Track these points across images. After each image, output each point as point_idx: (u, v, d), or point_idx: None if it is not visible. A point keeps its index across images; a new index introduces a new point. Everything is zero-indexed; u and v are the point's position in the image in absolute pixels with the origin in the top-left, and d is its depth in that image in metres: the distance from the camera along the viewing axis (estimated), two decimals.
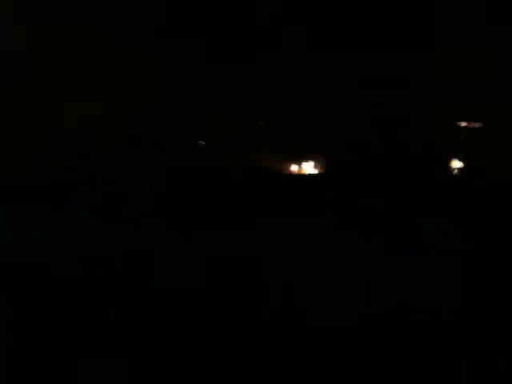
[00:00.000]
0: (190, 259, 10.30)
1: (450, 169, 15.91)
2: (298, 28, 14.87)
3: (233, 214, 13.94)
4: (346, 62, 15.00)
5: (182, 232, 12.36)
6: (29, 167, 14.98)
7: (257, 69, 15.22)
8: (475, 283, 8.60)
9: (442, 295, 7.96)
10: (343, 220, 14.34)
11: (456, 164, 15.83)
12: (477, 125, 15.60)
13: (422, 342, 6.30)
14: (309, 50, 15.07)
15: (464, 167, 15.90)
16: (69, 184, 14.79)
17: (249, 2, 14.84)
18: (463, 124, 15.69)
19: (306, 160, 17.24)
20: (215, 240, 11.86)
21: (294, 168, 17.41)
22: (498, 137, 15.01)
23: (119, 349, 6.07)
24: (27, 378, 5.46)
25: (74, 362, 5.75)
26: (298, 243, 11.65)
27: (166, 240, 11.83)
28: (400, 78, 15.31)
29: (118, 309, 7.28)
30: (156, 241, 11.72)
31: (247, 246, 11.19)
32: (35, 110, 15.25)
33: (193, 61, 15.15)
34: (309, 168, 17.40)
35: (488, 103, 14.90)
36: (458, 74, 14.88)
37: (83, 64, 15.11)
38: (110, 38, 14.96)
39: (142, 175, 15.04)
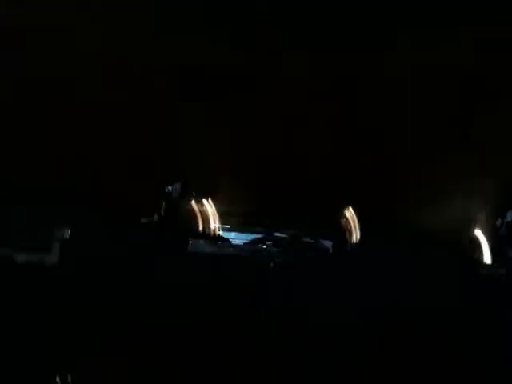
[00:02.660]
0: (190, 260, 10.30)
1: None
2: None
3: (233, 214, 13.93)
4: None
5: (182, 233, 12.36)
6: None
7: None
8: (474, 283, 8.61)
9: (441, 295, 7.97)
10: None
11: None
12: None
13: (422, 342, 6.31)
14: None
15: None
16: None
17: None
18: None
19: None
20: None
21: None
22: None
23: (119, 349, 6.09)
24: (28, 377, 5.48)
25: (74, 361, 5.76)
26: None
27: (166, 241, 11.84)
28: None
29: (118, 309, 7.29)
30: (156, 241, 11.73)
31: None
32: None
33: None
34: None
35: None
36: None
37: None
38: None
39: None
